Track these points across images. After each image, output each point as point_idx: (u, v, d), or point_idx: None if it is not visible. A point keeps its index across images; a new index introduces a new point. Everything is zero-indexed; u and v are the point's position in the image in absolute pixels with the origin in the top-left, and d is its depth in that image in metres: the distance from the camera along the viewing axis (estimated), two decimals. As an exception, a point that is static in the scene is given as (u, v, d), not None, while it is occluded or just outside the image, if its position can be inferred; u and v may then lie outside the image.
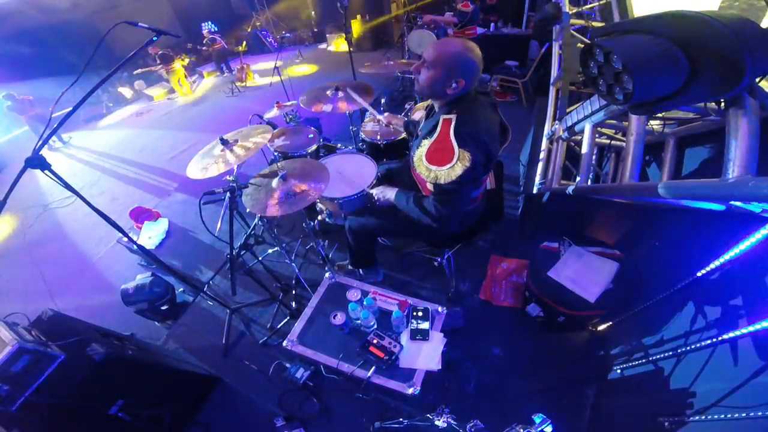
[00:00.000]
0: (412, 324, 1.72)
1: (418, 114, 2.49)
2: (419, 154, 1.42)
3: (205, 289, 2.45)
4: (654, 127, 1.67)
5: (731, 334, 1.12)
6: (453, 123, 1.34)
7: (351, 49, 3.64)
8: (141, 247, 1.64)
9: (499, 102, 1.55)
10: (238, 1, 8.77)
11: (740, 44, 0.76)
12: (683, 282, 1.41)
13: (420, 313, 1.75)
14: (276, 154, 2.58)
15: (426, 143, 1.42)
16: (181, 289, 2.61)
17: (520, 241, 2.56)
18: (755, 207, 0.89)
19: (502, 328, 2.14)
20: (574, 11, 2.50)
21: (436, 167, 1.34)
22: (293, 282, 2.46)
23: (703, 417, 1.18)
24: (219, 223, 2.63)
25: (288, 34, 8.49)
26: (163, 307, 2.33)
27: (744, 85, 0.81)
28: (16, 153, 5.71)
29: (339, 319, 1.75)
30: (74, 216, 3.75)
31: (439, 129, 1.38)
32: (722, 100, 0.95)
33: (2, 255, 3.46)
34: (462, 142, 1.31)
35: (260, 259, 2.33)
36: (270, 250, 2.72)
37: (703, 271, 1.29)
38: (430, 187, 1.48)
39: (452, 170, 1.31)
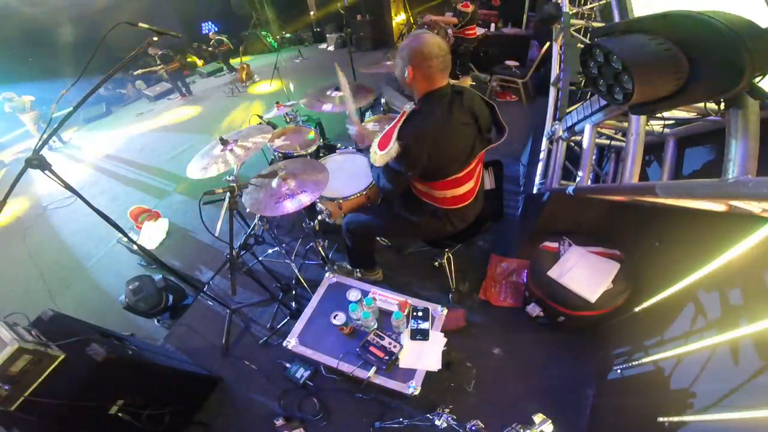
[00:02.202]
0: (412, 324, 1.72)
1: None
2: (377, 137, 1.54)
3: (205, 289, 2.45)
4: (654, 127, 1.67)
5: (731, 334, 1.12)
6: (404, 116, 1.45)
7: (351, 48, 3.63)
8: (141, 247, 1.64)
9: (477, 98, 1.59)
10: (238, 1, 8.77)
11: (740, 44, 0.75)
12: (683, 282, 1.41)
13: (420, 314, 1.75)
14: (276, 154, 2.58)
15: (387, 128, 1.52)
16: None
17: (520, 241, 2.56)
18: (755, 207, 0.89)
19: (502, 328, 2.13)
20: (574, 11, 2.50)
21: (380, 151, 1.47)
22: (293, 282, 2.46)
23: (703, 417, 1.17)
24: (219, 223, 2.63)
25: (288, 35, 8.50)
26: (141, 306, 2.33)
27: (744, 85, 0.81)
28: (16, 153, 5.72)
29: (339, 319, 1.75)
30: (74, 216, 3.75)
31: (397, 117, 1.49)
32: (722, 100, 0.95)
33: (2, 255, 3.46)
34: (399, 135, 1.41)
35: (260, 259, 2.33)
36: (270, 250, 2.72)
37: (704, 271, 1.29)
38: None
39: (383, 157, 1.45)
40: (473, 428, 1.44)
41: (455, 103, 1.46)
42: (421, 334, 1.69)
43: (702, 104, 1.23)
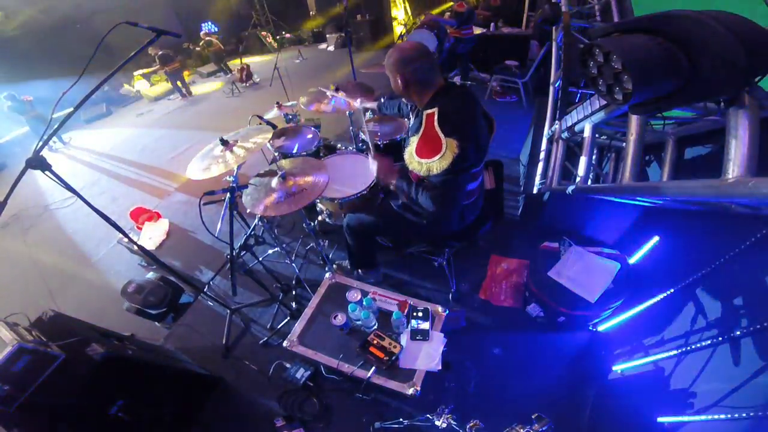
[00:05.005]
0: (413, 324, 1.72)
1: None
2: (409, 151, 1.48)
3: (205, 290, 2.45)
4: (654, 127, 1.67)
5: (731, 334, 1.12)
6: (436, 115, 1.39)
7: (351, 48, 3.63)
8: (141, 248, 1.64)
9: (488, 98, 1.59)
10: (239, 1, 8.78)
11: (740, 44, 0.76)
12: (683, 282, 1.41)
13: (420, 314, 1.75)
14: (276, 154, 2.58)
15: (414, 139, 1.47)
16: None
17: (520, 241, 2.56)
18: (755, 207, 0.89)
19: (502, 328, 2.13)
20: (574, 11, 2.50)
21: (427, 160, 1.39)
22: (293, 282, 2.46)
23: (703, 417, 1.18)
24: (219, 223, 2.62)
25: (288, 35, 8.50)
26: (153, 312, 2.31)
27: (743, 85, 0.81)
28: (17, 153, 5.72)
29: (339, 319, 1.75)
30: (74, 216, 3.75)
31: (423, 124, 1.43)
32: (722, 100, 0.95)
33: (2, 255, 3.46)
34: (447, 132, 1.35)
35: (260, 259, 2.33)
36: (270, 251, 2.72)
37: (704, 271, 1.29)
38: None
39: (443, 159, 1.34)
40: (473, 428, 1.44)
41: (467, 93, 1.50)
42: (421, 334, 1.69)
43: (702, 104, 1.23)
